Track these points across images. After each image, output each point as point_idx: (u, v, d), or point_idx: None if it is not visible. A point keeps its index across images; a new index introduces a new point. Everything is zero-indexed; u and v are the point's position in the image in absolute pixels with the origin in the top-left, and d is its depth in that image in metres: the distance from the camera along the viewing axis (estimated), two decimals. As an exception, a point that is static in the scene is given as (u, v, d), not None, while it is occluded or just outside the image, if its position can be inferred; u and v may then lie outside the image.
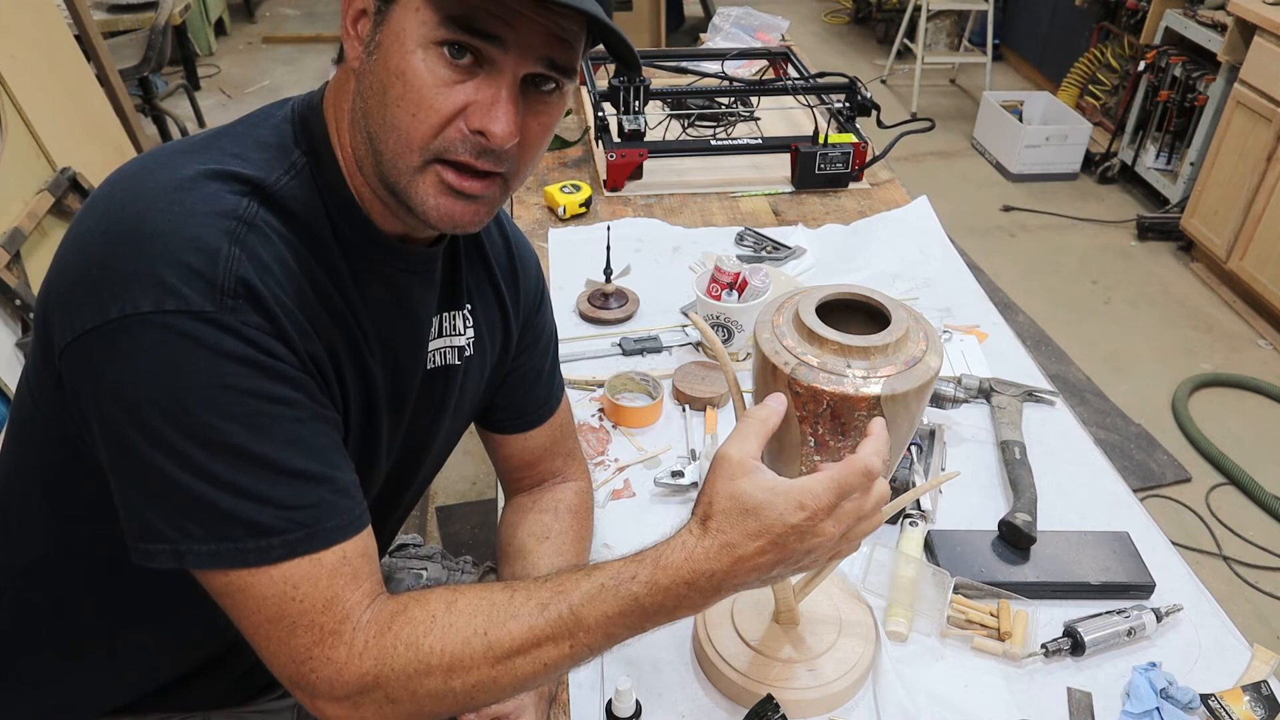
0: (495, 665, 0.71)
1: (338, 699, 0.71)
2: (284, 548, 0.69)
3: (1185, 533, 2.44)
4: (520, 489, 1.12)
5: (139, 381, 0.66)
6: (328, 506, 0.71)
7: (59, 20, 2.81)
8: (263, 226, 0.72)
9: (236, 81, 5.10)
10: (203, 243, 0.68)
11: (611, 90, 2.01)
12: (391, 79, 0.71)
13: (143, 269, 0.66)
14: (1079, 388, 2.95)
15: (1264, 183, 3.11)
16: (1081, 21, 4.53)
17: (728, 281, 1.46)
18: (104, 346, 0.67)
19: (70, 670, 0.91)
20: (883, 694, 0.98)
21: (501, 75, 0.71)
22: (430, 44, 0.70)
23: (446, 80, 0.70)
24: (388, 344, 0.85)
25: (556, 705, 0.98)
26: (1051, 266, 3.62)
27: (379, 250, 0.81)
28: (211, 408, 0.67)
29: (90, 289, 0.68)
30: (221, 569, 0.69)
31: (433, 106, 0.71)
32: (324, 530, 0.71)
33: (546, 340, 1.09)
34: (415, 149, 0.72)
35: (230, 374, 0.67)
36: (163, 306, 0.66)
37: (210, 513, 0.68)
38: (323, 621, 0.70)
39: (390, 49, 0.71)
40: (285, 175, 0.76)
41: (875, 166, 2.08)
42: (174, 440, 0.66)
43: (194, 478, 0.67)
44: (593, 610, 0.71)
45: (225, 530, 0.68)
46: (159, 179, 0.72)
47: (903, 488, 1.21)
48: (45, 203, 2.39)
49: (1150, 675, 0.99)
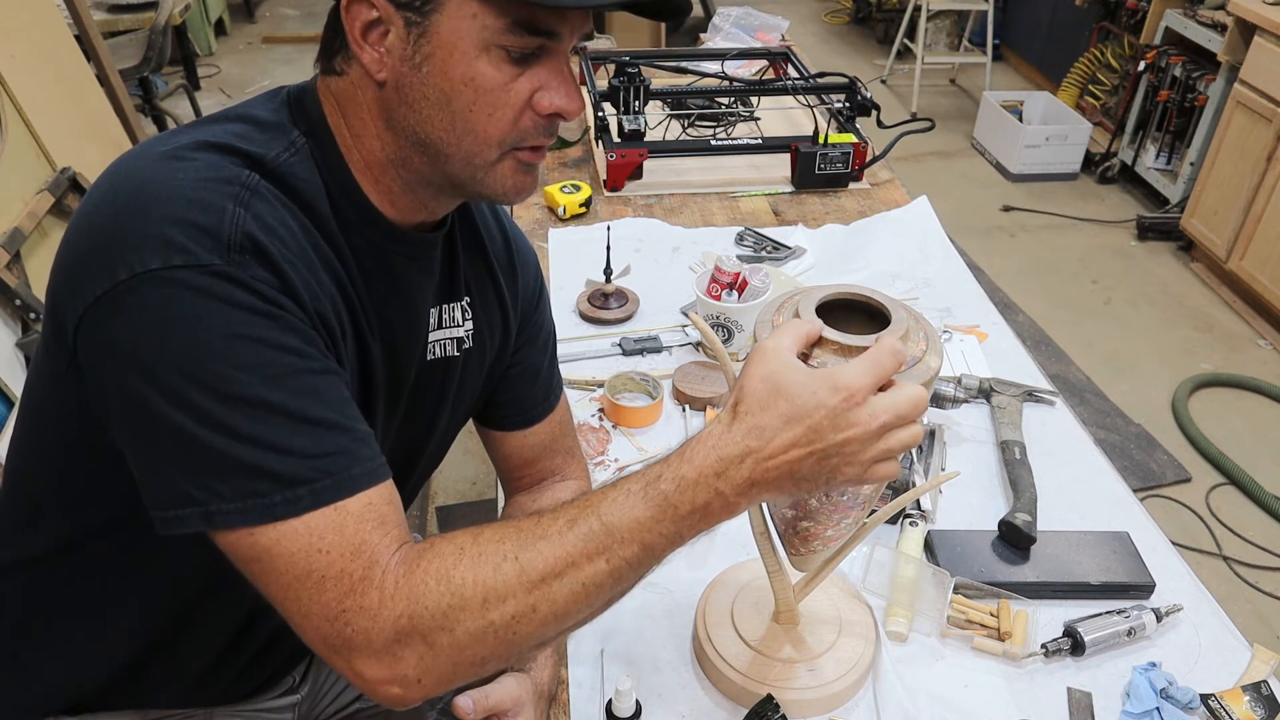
0: (531, 591, 0.67)
1: (375, 653, 0.67)
2: (310, 497, 0.67)
3: (1185, 533, 2.44)
4: (520, 487, 1.12)
5: (152, 339, 0.66)
6: (350, 454, 0.70)
7: (59, 20, 2.81)
8: (266, 193, 0.72)
9: (236, 81, 5.10)
10: (207, 203, 0.69)
11: (611, 90, 2.01)
12: (458, 87, 0.73)
13: (149, 231, 0.67)
14: (1079, 388, 2.95)
15: (1264, 183, 3.11)
16: (1081, 21, 4.53)
17: (728, 281, 1.46)
18: (115, 309, 0.67)
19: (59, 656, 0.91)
20: (883, 694, 0.98)
21: (558, 56, 0.75)
22: (491, 46, 0.71)
23: (513, 75, 0.73)
24: (386, 327, 0.85)
25: (556, 705, 0.98)
26: (1051, 266, 3.62)
27: (379, 233, 0.82)
28: (226, 358, 0.66)
29: (99, 258, 0.68)
30: (250, 526, 0.67)
31: (507, 104, 0.74)
32: (349, 477, 0.69)
33: (545, 336, 1.09)
34: (494, 145, 0.76)
35: (242, 324, 0.67)
36: (171, 263, 0.66)
37: (235, 468, 0.66)
38: (351, 569, 0.67)
39: (449, 60, 0.72)
40: (285, 153, 0.76)
41: (875, 166, 2.08)
42: (192, 396, 0.65)
43: (215, 433, 0.66)
44: (623, 517, 0.68)
45: (252, 485, 0.66)
46: (159, 153, 0.73)
47: (903, 488, 1.21)
48: (45, 203, 2.39)
49: (1150, 675, 0.99)
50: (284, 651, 1.00)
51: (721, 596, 1.05)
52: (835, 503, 0.84)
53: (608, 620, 1.06)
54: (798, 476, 0.68)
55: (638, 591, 1.10)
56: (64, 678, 0.92)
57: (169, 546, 0.80)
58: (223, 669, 0.96)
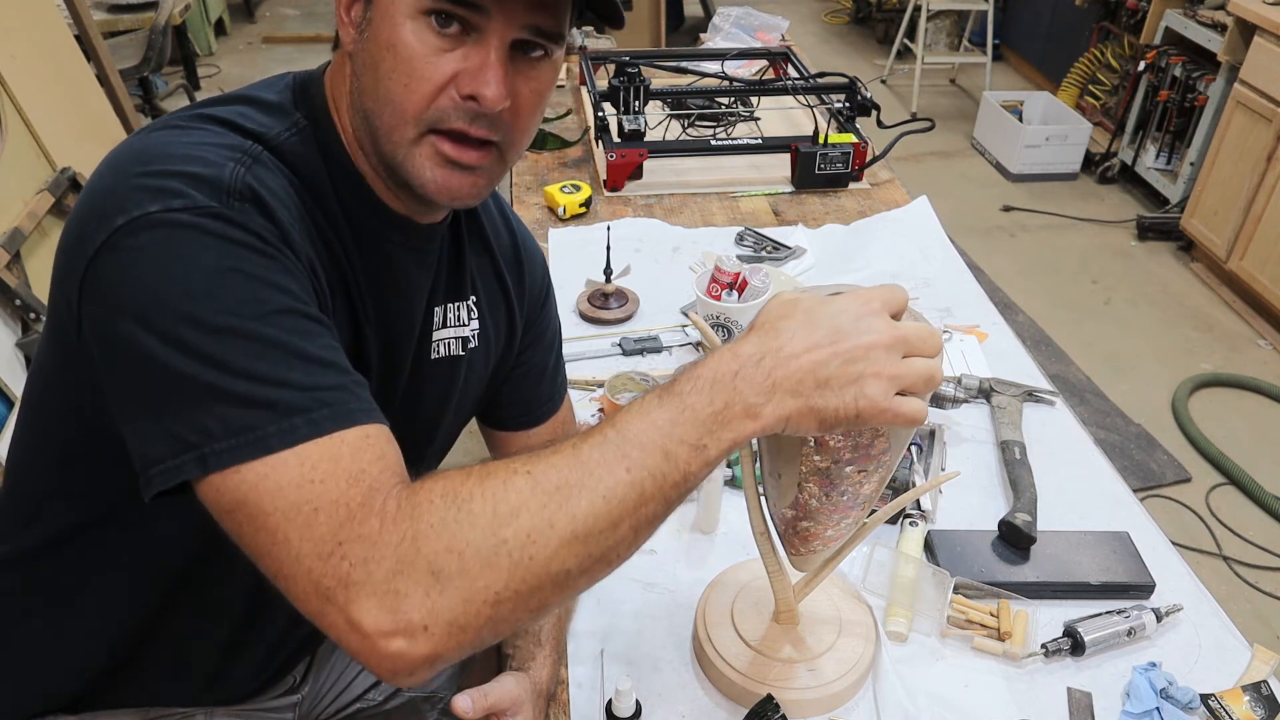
0: (546, 503, 0.61)
1: (376, 590, 0.59)
2: (308, 426, 0.63)
3: (1185, 533, 2.44)
4: (522, 488, 1.12)
5: (147, 278, 0.64)
6: (349, 391, 0.67)
7: (59, 20, 2.81)
8: (267, 162, 0.73)
9: (236, 81, 5.10)
10: (208, 160, 0.69)
11: (611, 90, 2.01)
12: (383, 53, 0.73)
13: (149, 181, 0.67)
14: (1079, 388, 2.95)
15: (1264, 183, 3.11)
16: (1081, 21, 4.53)
17: (728, 281, 1.46)
18: (112, 254, 0.66)
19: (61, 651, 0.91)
20: (883, 694, 0.98)
21: (488, 40, 0.72)
22: (418, 14, 0.71)
23: (436, 49, 0.72)
24: (381, 314, 0.85)
25: (556, 705, 0.98)
26: (1051, 266, 3.62)
27: (378, 220, 0.82)
28: (220, 292, 0.64)
29: (99, 213, 0.67)
30: (245, 461, 0.62)
31: (424, 75, 0.72)
32: (348, 411, 0.65)
33: (551, 337, 1.09)
34: (410, 120, 0.74)
35: (238, 258, 0.66)
36: (169, 206, 0.66)
37: (228, 401, 0.63)
38: (349, 496, 0.61)
39: (380, 25, 0.73)
40: (287, 132, 0.77)
41: (875, 166, 2.08)
42: (185, 333, 0.63)
43: (207, 367, 0.63)
44: (640, 424, 0.64)
45: (246, 417, 0.62)
46: (161, 126, 0.74)
47: (903, 488, 1.21)
48: (45, 203, 2.38)
49: (1150, 675, 0.99)
50: (285, 651, 1.00)
51: (721, 596, 1.05)
52: (835, 503, 0.84)
53: (608, 620, 1.07)
54: (822, 379, 0.64)
55: (638, 591, 1.10)
56: (64, 671, 0.92)
57: (167, 539, 0.80)
58: (224, 668, 0.96)
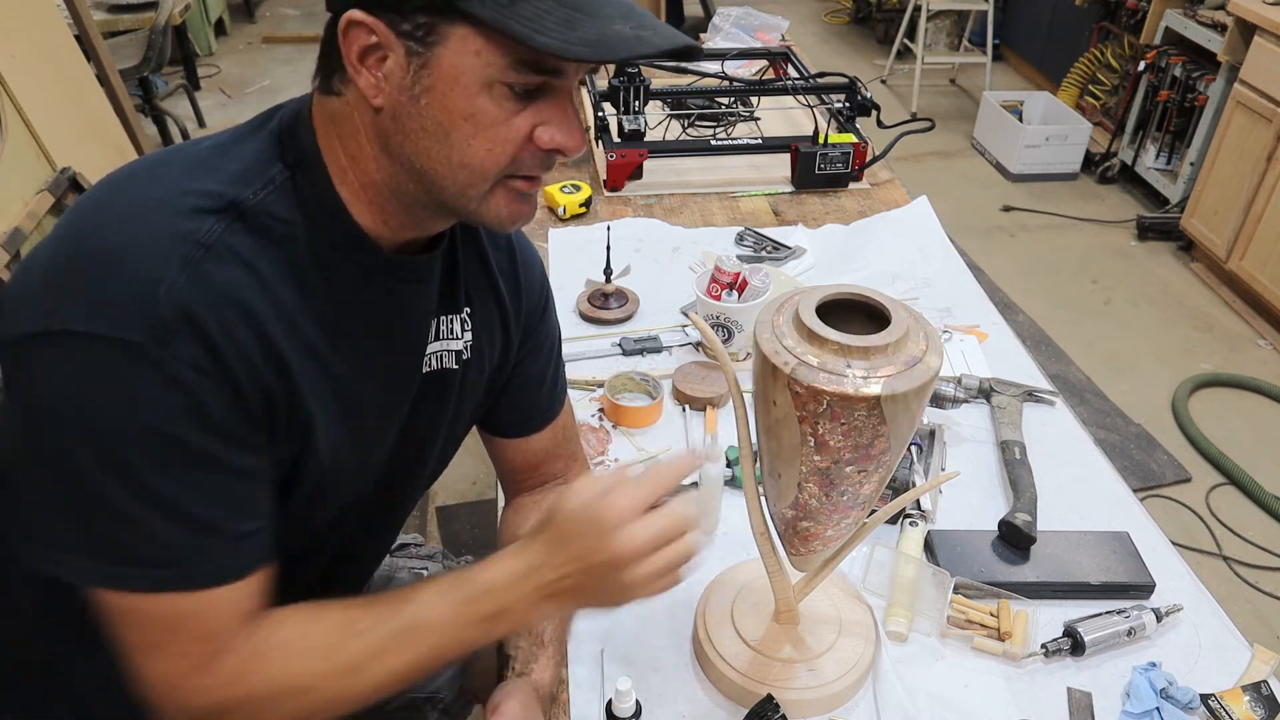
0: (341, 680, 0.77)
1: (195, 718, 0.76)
2: (150, 582, 0.71)
3: (1185, 533, 2.44)
4: (521, 490, 1.12)
5: (55, 396, 0.67)
6: (212, 552, 0.73)
7: (59, 20, 2.81)
8: (222, 250, 0.71)
9: (236, 81, 5.10)
10: (151, 268, 0.68)
11: (611, 90, 2.01)
12: (457, 121, 0.71)
13: (85, 286, 0.67)
14: (1079, 388, 2.95)
15: (1264, 183, 3.11)
16: (1081, 21, 4.53)
17: (728, 281, 1.46)
18: (33, 354, 0.68)
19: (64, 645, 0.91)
20: (883, 694, 0.98)
21: (563, 94, 0.74)
22: (496, 83, 0.70)
23: (514, 111, 0.72)
24: (379, 352, 0.84)
25: (556, 705, 0.98)
26: (1051, 266, 3.62)
27: (370, 259, 0.80)
28: (118, 438, 0.68)
29: (36, 295, 0.69)
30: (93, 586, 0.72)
31: (507, 139, 0.72)
32: (200, 574, 0.73)
33: (550, 346, 1.08)
34: (490, 178, 0.74)
35: (146, 412, 0.68)
36: (94, 329, 0.66)
37: (93, 530, 0.70)
38: (198, 650, 0.74)
39: (449, 92, 0.70)
40: (263, 189, 0.74)
41: (875, 166, 2.08)
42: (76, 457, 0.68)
43: (85, 495, 0.69)
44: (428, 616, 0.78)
45: (102, 550, 0.70)
46: (130, 195, 0.72)
47: (903, 488, 1.21)
48: (45, 203, 2.38)
49: (1150, 675, 0.99)
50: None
51: (721, 596, 1.05)
52: (835, 502, 0.85)
53: (608, 620, 1.07)
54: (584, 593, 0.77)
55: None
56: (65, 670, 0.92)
57: None
58: None
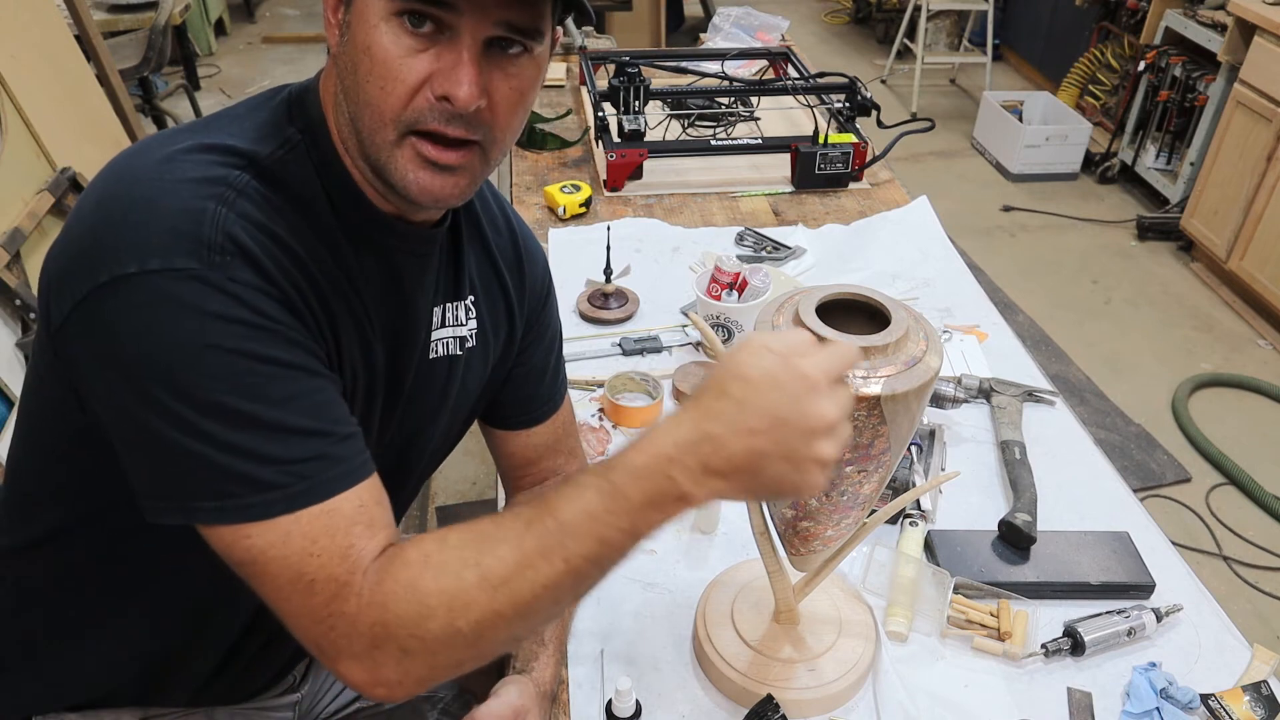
0: (494, 596, 0.68)
1: (357, 657, 0.69)
2: (284, 501, 0.68)
3: (1185, 533, 2.44)
4: (521, 486, 1.12)
5: (128, 344, 0.67)
6: (329, 459, 0.71)
7: (59, 20, 2.81)
8: (254, 194, 0.73)
9: (236, 81, 5.10)
10: (190, 205, 0.69)
11: (611, 90, 2.01)
12: (360, 55, 0.73)
13: (129, 234, 0.68)
14: (1079, 388, 2.95)
15: (1264, 183, 3.11)
16: (1081, 21, 4.53)
17: (728, 281, 1.46)
18: (95, 312, 0.68)
19: (68, 649, 0.91)
20: (883, 694, 0.98)
21: (460, 39, 0.72)
22: (391, 16, 0.71)
23: (409, 50, 0.71)
24: (386, 323, 0.85)
25: (556, 705, 0.98)
26: (1051, 266, 3.62)
27: (376, 229, 0.82)
28: (199, 368, 0.67)
29: (82, 259, 0.69)
30: (228, 524, 0.69)
31: (398, 77, 0.72)
32: (326, 480, 0.70)
33: (552, 336, 1.09)
34: (388, 122, 0.74)
35: (215, 333, 0.67)
36: (147, 267, 0.67)
37: (210, 471, 0.68)
38: (338, 574, 0.69)
39: (358, 27, 0.73)
40: (279, 149, 0.77)
41: (875, 166, 2.08)
42: (167, 402, 0.67)
43: (190, 438, 0.67)
44: (577, 513, 0.67)
45: (227, 487, 0.68)
46: (152, 154, 0.74)
47: (903, 488, 1.21)
48: (45, 203, 2.38)
49: (1150, 675, 0.99)
50: (285, 651, 1.00)
51: (721, 596, 1.05)
52: (835, 503, 0.85)
53: (608, 620, 1.07)
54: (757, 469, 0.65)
55: (638, 591, 1.10)
56: (64, 669, 0.92)
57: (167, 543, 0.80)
58: (226, 669, 0.96)
